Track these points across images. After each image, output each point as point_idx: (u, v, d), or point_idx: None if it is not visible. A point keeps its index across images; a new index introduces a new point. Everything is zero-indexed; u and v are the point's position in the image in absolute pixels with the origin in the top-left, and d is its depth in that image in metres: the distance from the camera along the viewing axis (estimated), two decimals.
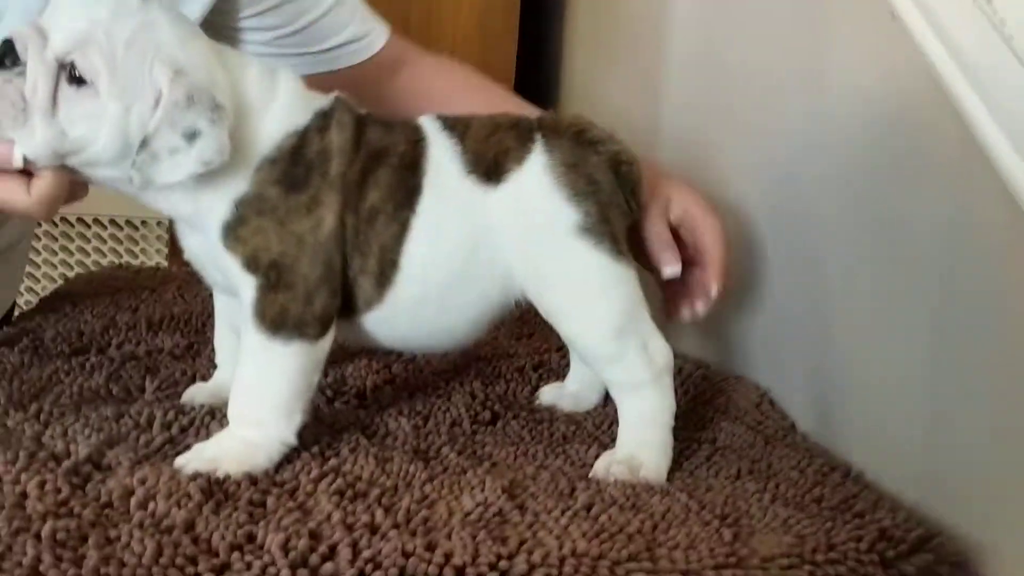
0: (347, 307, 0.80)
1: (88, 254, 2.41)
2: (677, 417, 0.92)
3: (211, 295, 0.93)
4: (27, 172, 0.74)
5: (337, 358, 1.07)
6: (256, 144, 0.77)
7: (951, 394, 0.75)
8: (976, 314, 0.73)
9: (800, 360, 0.97)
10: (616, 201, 0.84)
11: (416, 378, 1.03)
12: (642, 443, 0.81)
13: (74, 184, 0.77)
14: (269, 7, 1.03)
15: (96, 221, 2.60)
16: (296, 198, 0.77)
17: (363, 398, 0.96)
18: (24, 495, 0.67)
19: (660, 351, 0.82)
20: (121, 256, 2.40)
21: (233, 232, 0.77)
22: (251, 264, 0.77)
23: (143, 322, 1.14)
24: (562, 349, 1.14)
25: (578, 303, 0.82)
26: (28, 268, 2.40)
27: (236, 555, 0.60)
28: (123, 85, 0.72)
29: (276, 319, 0.76)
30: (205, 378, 0.95)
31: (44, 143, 0.72)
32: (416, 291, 0.81)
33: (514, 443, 0.86)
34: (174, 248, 2.18)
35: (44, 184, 0.74)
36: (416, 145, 0.81)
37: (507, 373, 1.06)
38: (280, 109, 0.78)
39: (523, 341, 1.20)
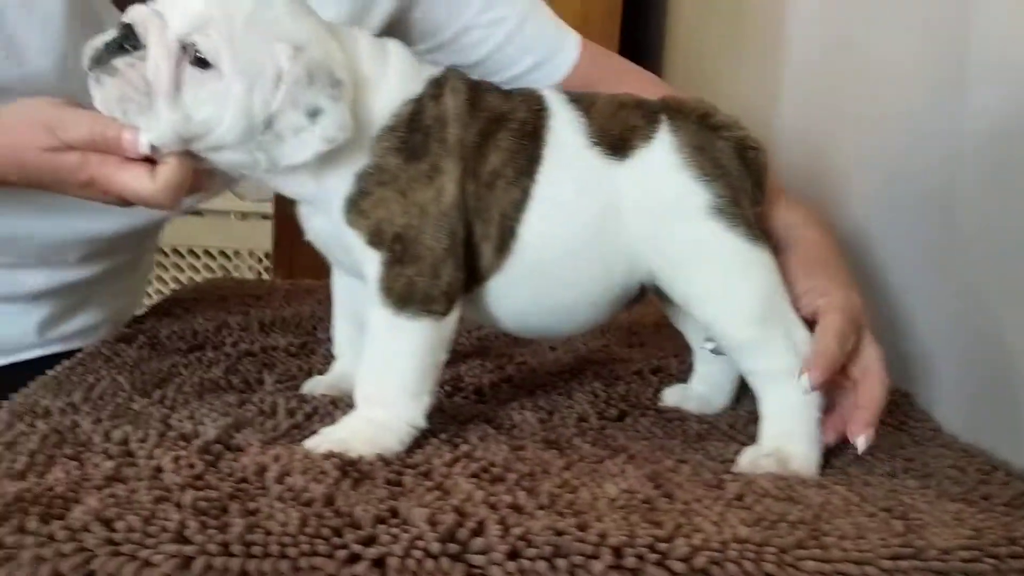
0: (469, 277, 0.78)
1: (183, 284, 2.45)
2: None
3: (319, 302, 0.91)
4: (150, 160, 0.73)
5: (450, 359, 1.05)
6: (374, 115, 0.75)
7: None
8: None
9: (946, 361, 0.91)
10: (744, 187, 0.81)
11: (533, 378, 0.99)
12: (789, 434, 0.76)
13: (198, 174, 0.76)
14: (439, 44, 1.02)
15: (191, 251, 2.65)
16: (416, 167, 0.75)
17: (482, 394, 0.93)
18: (159, 469, 0.65)
19: (804, 340, 0.78)
20: None
21: (356, 206, 0.75)
22: (375, 238, 0.74)
23: (255, 323, 1.13)
24: (680, 355, 1.10)
25: (717, 286, 0.78)
26: None
27: (382, 527, 0.57)
28: (245, 64, 0.71)
29: (403, 294, 0.74)
30: (321, 373, 0.93)
31: (169, 127, 0.71)
32: (534, 261, 0.78)
33: (646, 438, 0.82)
34: (277, 266, 2.19)
35: (168, 170, 0.73)
36: (537, 114, 0.79)
37: (626, 376, 1.02)
38: (394, 78, 0.77)
39: (635, 348, 1.16)
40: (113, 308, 1.14)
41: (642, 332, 1.23)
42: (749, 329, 0.78)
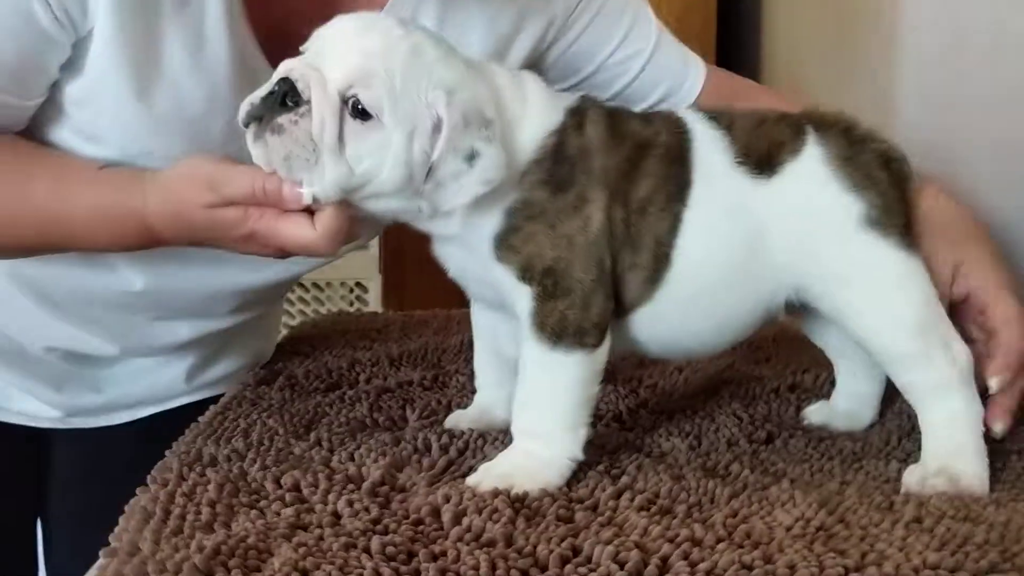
0: (616, 308, 0.78)
1: (307, 315, 2.47)
2: None
3: (447, 331, 0.92)
4: (309, 209, 0.74)
5: None
6: (520, 149, 0.76)
7: None
8: None
9: None
10: (894, 195, 0.80)
11: (669, 401, 0.99)
12: (956, 451, 0.75)
13: (354, 221, 0.76)
14: (578, 81, 1.02)
15: (315, 285, 2.69)
16: (563, 198, 0.75)
17: (622, 421, 0.93)
18: (337, 514, 0.67)
19: (962, 351, 0.77)
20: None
21: (505, 242, 0.75)
22: (526, 273, 0.75)
23: (384, 359, 1.15)
24: (810, 369, 1.08)
25: (873, 298, 0.78)
26: None
27: (569, 568, 0.58)
28: (404, 113, 0.72)
29: (556, 328, 0.74)
30: (460, 406, 0.94)
31: (333, 182, 0.72)
32: (689, 288, 0.78)
33: (803, 460, 0.81)
34: (386, 297, 2.23)
35: (328, 218, 0.74)
36: (681, 137, 0.79)
37: (763, 395, 1.01)
38: (535, 111, 0.77)
39: (763, 365, 1.15)
40: (252, 352, 1.18)
41: (766, 347, 1.21)
42: (909, 342, 0.77)
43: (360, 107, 0.71)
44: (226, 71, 0.87)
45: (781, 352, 1.19)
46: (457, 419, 0.90)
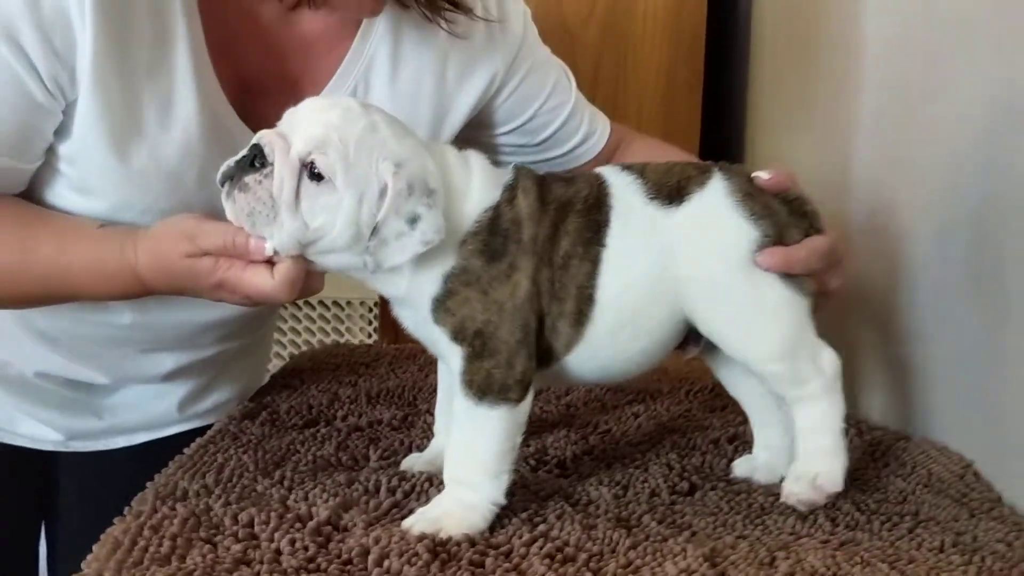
0: (548, 355, 0.87)
1: (299, 333, 2.62)
2: (877, 489, 0.94)
3: (421, 369, 1.02)
4: (269, 261, 0.86)
5: (537, 429, 1.14)
6: (461, 221, 0.85)
7: None
8: None
9: (1007, 427, 0.95)
10: (793, 223, 0.89)
11: (613, 449, 1.07)
12: (816, 452, 0.87)
13: (311, 275, 0.88)
14: (516, 127, 1.18)
15: (306, 303, 2.83)
16: (496, 266, 0.85)
17: (564, 468, 1.01)
18: (278, 552, 0.76)
19: (830, 361, 0.88)
20: (329, 335, 2.60)
21: (443, 305, 0.85)
22: (458, 334, 0.85)
23: (363, 396, 1.25)
24: None
25: (750, 323, 0.87)
26: None
27: None
28: (355, 179, 0.82)
29: (482, 385, 0.84)
30: (420, 448, 1.04)
31: (290, 235, 0.83)
32: (613, 320, 0.87)
33: (713, 513, 0.89)
34: (384, 326, 2.34)
35: (285, 268, 0.85)
36: (599, 187, 0.89)
37: (702, 445, 1.09)
38: (476, 187, 0.87)
39: (717, 413, 1.22)
40: (242, 383, 1.29)
41: (724, 394, 1.28)
42: (779, 364, 0.88)
43: (316, 171, 0.82)
44: (196, 126, 0.99)
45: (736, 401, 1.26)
46: (412, 462, 0.99)
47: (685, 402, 1.28)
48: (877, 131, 1.26)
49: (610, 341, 0.88)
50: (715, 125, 1.76)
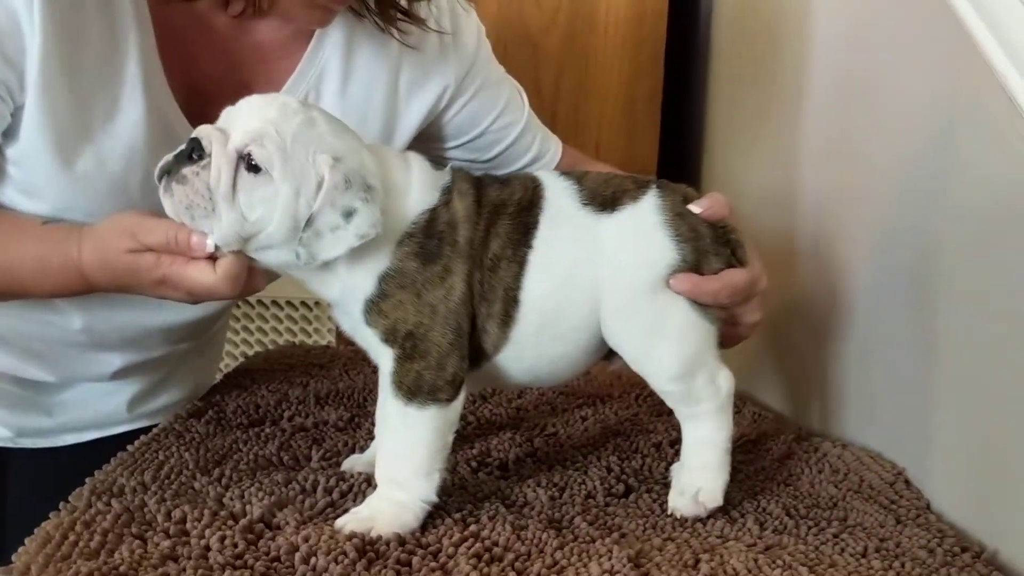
0: (479, 355, 0.88)
1: (266, 333, 2.62)
2: (809, 495, 0.95)
3: (375, 371, 1.02)
4: (212, 258, 0.86)
5: (485, 431, 1.15)
6: (399, 222, 0.86)
7: None
8: None
9: (937, 436, 0.97)
10: (715, 250, 0.90)
11: (556, 452, 1.09)
12: (701, 466, 0.90)
13: (253, 272, 0.88)
14: (466, 142, 1.19)
15: (274, 303, 2.83)
16: (431, 269, 0.85)
17: (505, 469, 1.02)
18: (207, 548, 0.77)
19: (725, 381, 0.90)
20: (295, 335, 2.59)
21: (376, 307, 0.85)
22: (390, 336, 0.85)
23: (312, 397, 1.25)
24: None
25: (654, 340, 0.89)
26: None
27: None
28: (292, 171, 0.83)
29: (412, 386, 0.85)
30: (364, 449, 1.04)
31: (229, 227, 0.83)
32: (536, 321, 0.88)
33: (645, 515, 0.90)
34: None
35: (227, 263, 0.85)
36: (533, 190, 0.90)
37: (644, 448, 1.10)
38: (416, 189, 0.87)
39: (663, 418, 1.23)
40: (193, 384, 1.29)
41: None
42: (677, 383, 0.90)
43: (253, 162, 0.82)
44: (143, 132, 0.99)
45: None
46: (353, 462, 1.00)
47: (634, 407, 1.29)
48: (823, 153, 1.29)
49: (533, 343, 0.89)
50: (674, 136, 1.79)
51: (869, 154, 1.14)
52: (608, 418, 1.23)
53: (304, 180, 0.83)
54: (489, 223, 0.87)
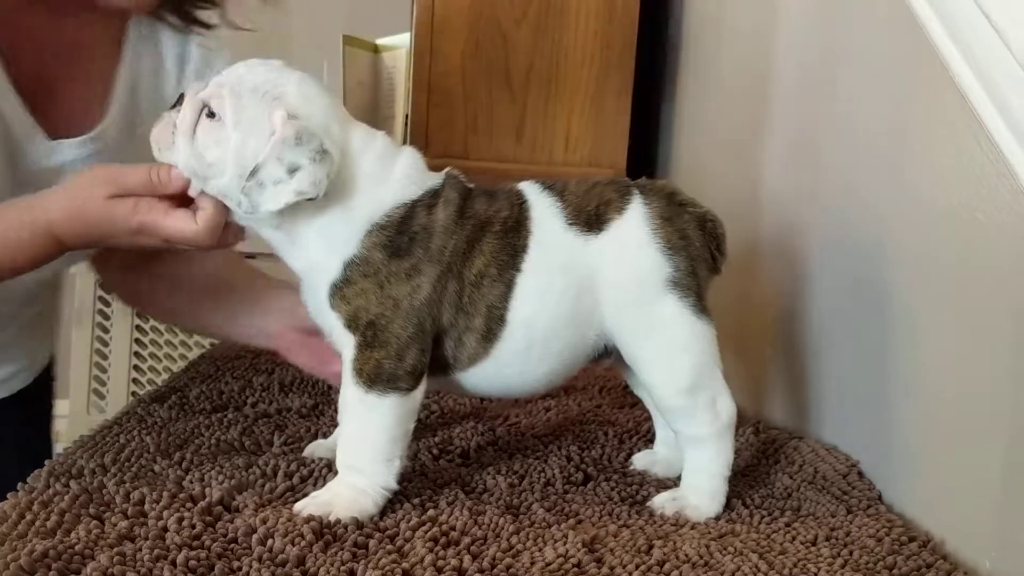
0: (448, 365, 0.89)
1: None
2: (764, 485, 0.97)
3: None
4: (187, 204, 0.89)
5: (448, 421, 1.16)
6: (370, 211, 0.87)
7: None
8: None
9: (890, 430, 0.99)
10: (704, 256, 0.91)
11: (518, 440, 1.10)
12: (695, 489, 0.90)
13: (229, 226, 0.90)
14: None
15: None
16: (398, 263, 0.86)
17: (467, 457, 1.03)
18: (165, 529, 0.77)
19: (726, 408, 0.90)
20: None
21: (340, 292, 0.86)
22: (352, 323, 0.86)
23: (276, 384, 1.26)
24: None
25: (659, 355, 0.90)
26: (182, 335, 2.61)
27: None
28: (243, 120, 0.85)
29: (371, 374, 0.85)
30: (327, 435, 1.05)
31: (185, 160, 0.87)
32: (522, 340, 0.89)
33: (602, 503, 0.91)
34: None
35: (207, 213, 0.88)
36: (520, 208, 0.90)
37: (605, 438, 1.11)
38: (395, 182, 0.88)
39: (626, 410, 1.25)
40: (29, 358, 1.29)
41: None
42: (679, 398, 0.90)
43: (211, 110, 0.86)
44: None
45: None
46: (315, 448, 1.00)
47: (597, 398, 1.31)
48: (786, 152, 1.30)
49: (518, 360, 0.90)
50: (644, 130, 1.80)
51: (830, 154, 1.16)
52: (571, 409, 1.24)
53: (256, 131, 0.85)
54: (473, 237, 0.88)
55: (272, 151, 0.83)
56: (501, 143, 1.72)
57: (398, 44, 2.06)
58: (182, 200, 0.90)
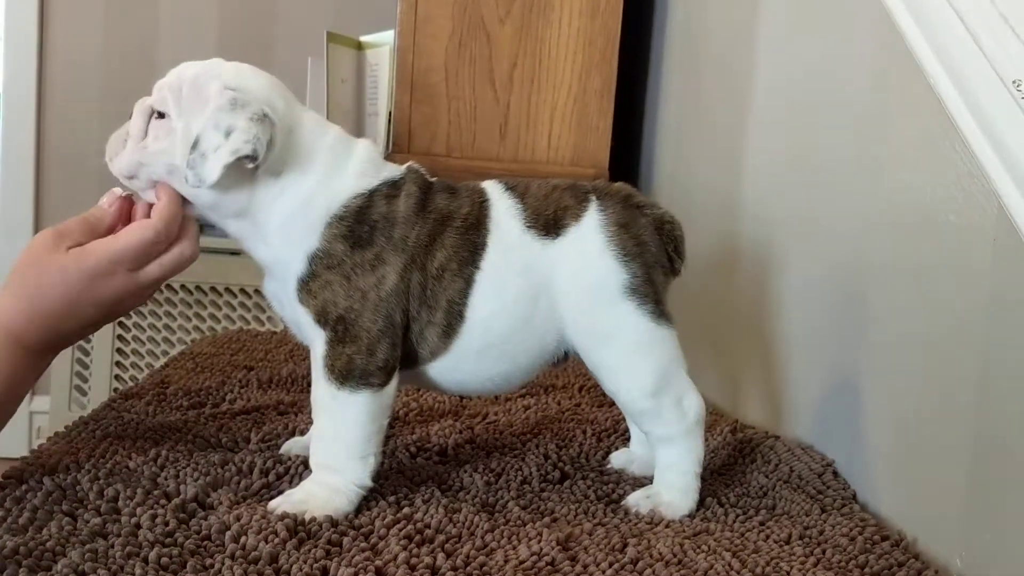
0: (413, 357, 0.89)
1: (219, 320, 2.60)
2: (740, 484, 0.97)
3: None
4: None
5: (427, 418, 1.16)
6: (327, 202, 0.87)
7: (995, 465, 0.78)
8: (1016, 389, 0.75)
9: (865, 430, 1.00)
10: (660, 261, 0.92)
11: (496, 439, 1.10)
12: (668, 486, 0.91)
13: (186, 219, 0.90)
14: None
15: (227, 290, 2.81)
16: (361, 254, 0.86)
17: (444, 455, 1.03)
18: (138, 525, 0.77)
19: (693, 406, 0.91)
20: (248, 322, 2.58)
21: (306, 286, 0.86)
22: (321, 318, 0.86)
23: (254, 381, 1.25)
24: None
25: (621, 361, 0.90)
26: (164, 332, 2.61)
27: None
28: (185, 107, 0.86)
29: (343, 370, 0.85)
30: (303, 433, 1.04)
31: (128, 156, 0.88)
32: (480, 340, 0.89)
33: (578, 501, 0.92)
34: None
35: (160, 204, 0.88)
36: (480, 206, 0.90)
37: (585, 437, 1.11)
38: (351, 172, 0.88)
39: (605, 408, 1.25)
40: None
41: None
42: (644, 401, 0.90)
43: (157, 110, 0.88)
44: None
45: None
46: (291, 445, 1.00)
47: (576, 397, 1.31)
48: (765, 154, 1.31)
49: (474, 358, 0.90)
50: (626, 130, 1.80)
51: (808, 156, 1.17)
52: (550, 408, 1.24)
53: (197, 111, 0.85)
54: (434, 231, 0.88)
55: (209, 120, 0.84)
56: (484, 141, 1.72)
57: (382, 41, 2.06)
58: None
